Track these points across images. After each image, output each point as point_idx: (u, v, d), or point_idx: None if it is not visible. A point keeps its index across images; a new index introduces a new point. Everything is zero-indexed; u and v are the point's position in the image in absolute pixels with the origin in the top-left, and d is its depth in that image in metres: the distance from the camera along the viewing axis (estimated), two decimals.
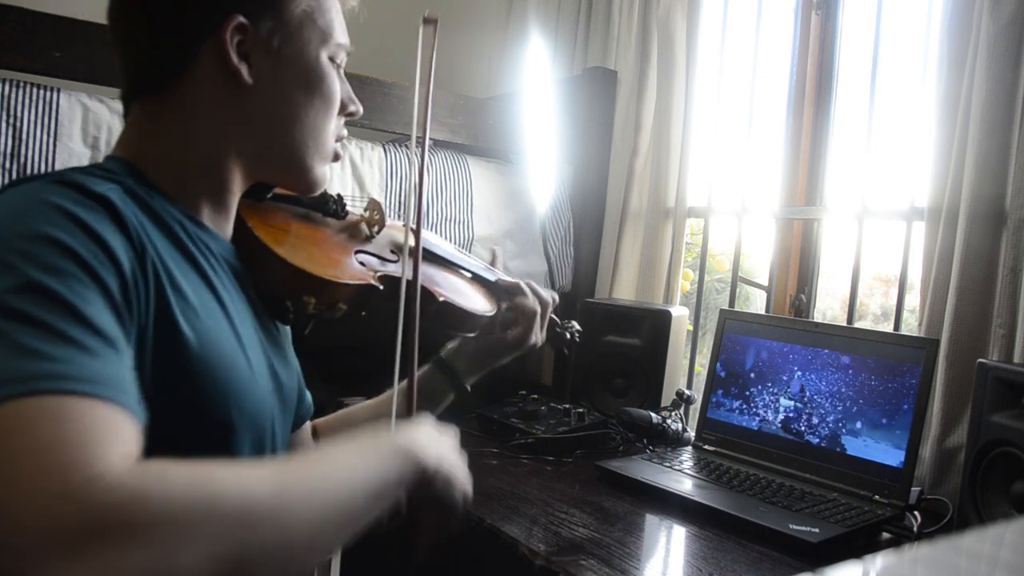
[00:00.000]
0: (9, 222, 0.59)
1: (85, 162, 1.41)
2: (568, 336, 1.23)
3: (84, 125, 1.41)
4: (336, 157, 0.85)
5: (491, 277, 1.12)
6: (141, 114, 0.77)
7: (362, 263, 0.91)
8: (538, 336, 1.09)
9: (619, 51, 2.06)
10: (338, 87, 0.82)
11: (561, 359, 1.18)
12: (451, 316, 0.98)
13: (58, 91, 1.40)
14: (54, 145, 1.38)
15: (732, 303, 1.89)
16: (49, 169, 1.38)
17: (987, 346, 1.33)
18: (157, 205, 0.71)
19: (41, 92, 1.38)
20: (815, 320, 1.69)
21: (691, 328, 1.91)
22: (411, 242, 0.89)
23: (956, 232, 1.37)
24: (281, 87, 0.78)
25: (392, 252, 0.98)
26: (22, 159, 1.36)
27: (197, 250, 0.73)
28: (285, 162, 0.81)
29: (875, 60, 1.60)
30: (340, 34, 0.82)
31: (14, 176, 1.35)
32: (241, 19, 0.74)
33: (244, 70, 0.75)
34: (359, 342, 1.43)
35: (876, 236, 1.65)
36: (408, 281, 0.84)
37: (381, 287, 0.88)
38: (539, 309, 1.09)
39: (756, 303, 2.16)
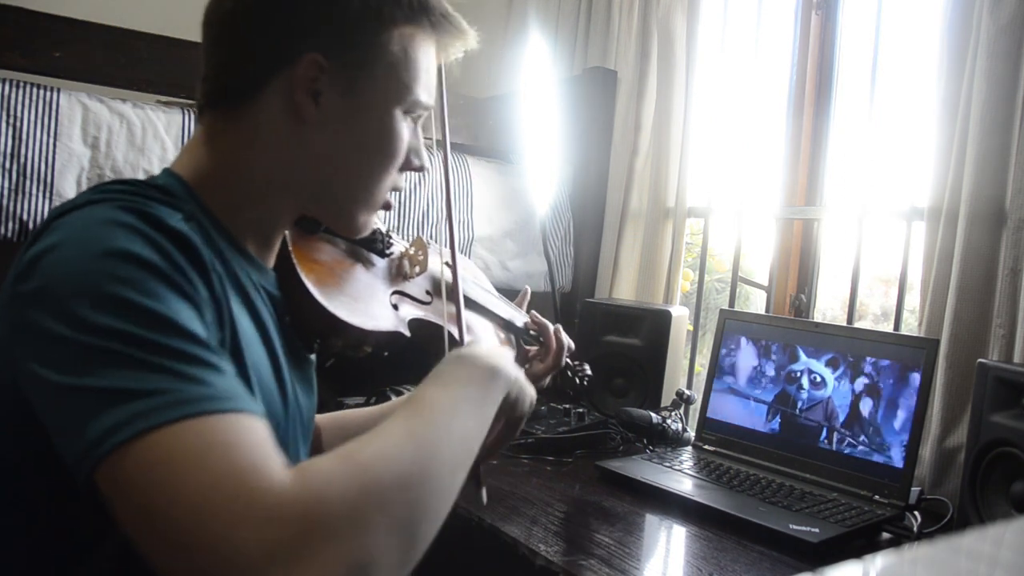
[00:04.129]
0: (95, 245, 0.58)
1: (85, 163, 1.41)
2: (577, 381, 1.26)
3: (84, 125, 1.41)
4: (387, 206, 0.83)
5: (518, 322, 1.14)
6: (208, 130, 0.76)
7: (395, 306, 0.92)
8: (547, 380, 1.13)
9: (619, 51, 2.06)
10: (404, 144, 0.79)
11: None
12: None
13: (58, 91, 1.40)
14: (54, 145, 1.38)
15: (732, 303, 1.89)
16: (49, 170, 1.37)
17: (987, 346, 1.33)
18: (214, 235, 0.71)
19: (41, 92, 1.38)
20: (815, 320, 1.69)
21: (691, 328, 1.91)
22: (447, 278, 0.94)
23: (956, 232, 1.37)
24: (344, 133, 0.75)
25: (427, 293, 0.99)
26: (22, 159, 1.36)
27: (248, 283, 0.73)
28: (333, 207, 0.80)
29: (875, 60, 1.60)
30: (422, 91, 0.79)
31: (14, 176, 1.35)
32: (319, 58, 0.72)
33: (310, 108, 0.73)
34: None
35: (876, 236, 1.65)
36: (441, 327, 0.89)
37: (408, 334, 0.89)
38: (556, 358, 1.12)
39: (756, 303, 2.16)
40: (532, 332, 1.14)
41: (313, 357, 0.89)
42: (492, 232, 1.92)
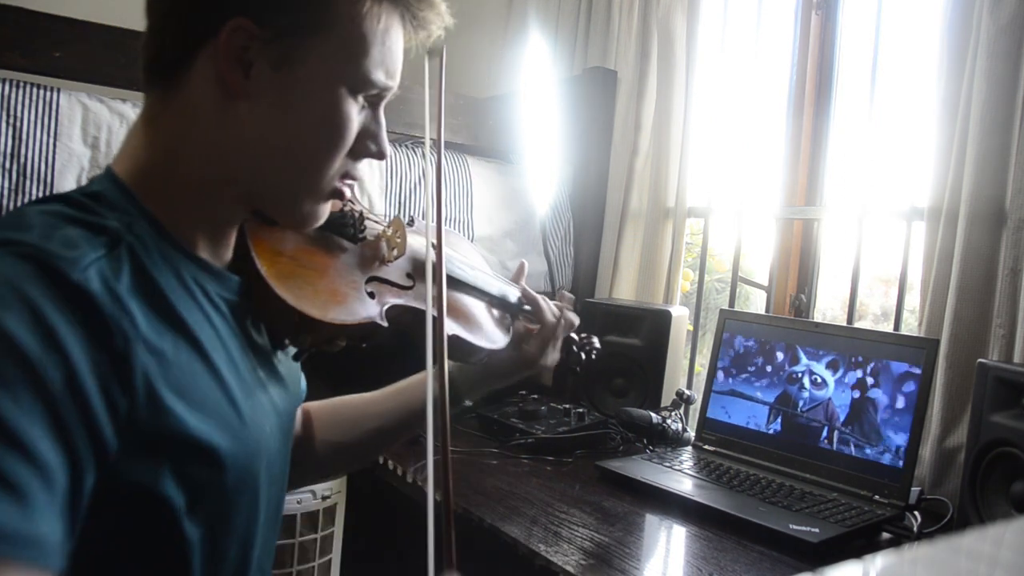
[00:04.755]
0: None
1: (85, 163, 1.41)
2: (583, 356, 1.12)
3: (84, 125, 1.42)
4: (338, 195, 0.75)
5: (512, 297, 1.05)
6: (146, 114, 0.70)
7: (372, 294, 0.84)
8: (550, 357, 1.03)
9: (619, 51, 2.06)
10: (351, 126, 0.70)
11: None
12: (457, 350, 0.92)
13: (58, 91, 1.40)
14: (54, 145, 1.38)
15: (732, 303, 1.89)
16: (49, 170, 1.37)
17: (987, 346, 1.33)
18: (152, 247, 0.64)
19: (41, 92, 1.38)
20: (815, 320, 1.69)
21: (691, 328, 1.91)
22: (431, 262, 0.83)
23: (956, 232, 1.37)
24: (278, 111, 0.67)
25: (408, 276, 0.89)
26: (22, 159, 1.36)
27: (191, 299, 0.66)
28: (272, 196, 0.72)
29: (875, 60, 1.60)
30: (375, 68, 0.70)
31: (14, 176, 1.35)
32: (248, 23, 0.64)
33: (240, 81, 0.66)
34: None
35: (876, 236, 1.65)
36: (424, 312, 0.81)
37: (386, 324, 0.81)
38: (556, 330, 1.02)
39: (756, 303, 2.16)
40: (526, 307, 1.05)
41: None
42: (492, 232, 1.92)
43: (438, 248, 0.81)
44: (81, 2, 1.58)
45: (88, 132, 1.42)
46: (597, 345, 1.13)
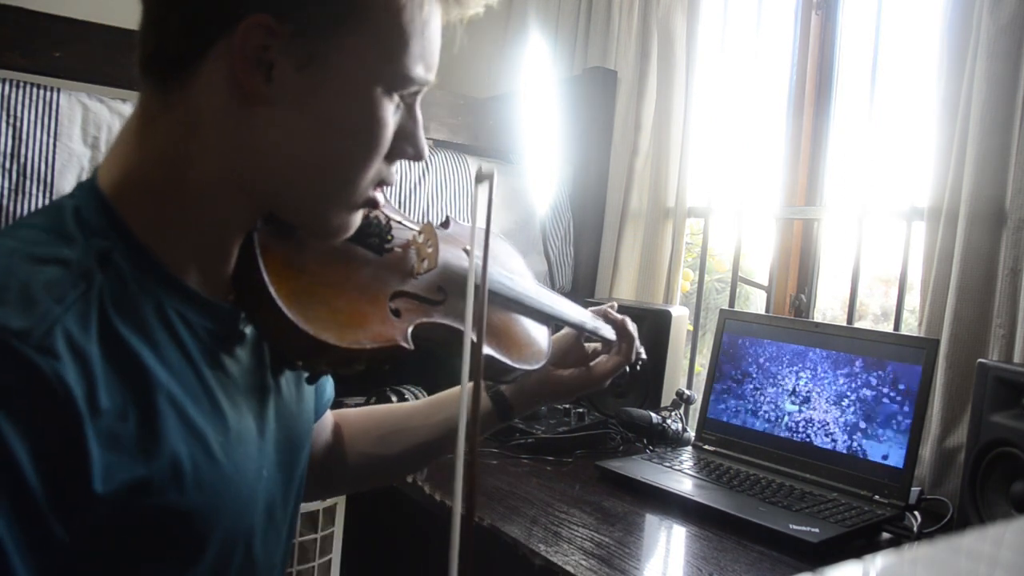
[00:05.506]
0: None
1: (85, 163, 1.41)
2: (636, 368, 1.06)
3: (84, 125, 1.42)
4: (372, 204, 0.67)
5: (588, 324, 0.98)
6: (140, 115, 0.62)
7: (397, 311, 0.74)
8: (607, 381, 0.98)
9: (619, 51, 2.06)
10: (387, 130, 0.62)
11: None
12: (489, 368, 0.84)
13: (58, 91, 1.40)
14: (54, 145, 1.38)
15: (732, 303, 1.89)
16: (49, 170, 1.37)
17: (987, 346, 1.33)
18: (129, 280, 0.57)
19: (41, 92, 1.38)
20: (815, 320, 1.69)
21: (691, 328, 1.91)
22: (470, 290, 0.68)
23: (956, 232, 1.37)
24: (306, 116, 0.60)
25: (439, 290, 0.79)
26: (22, 159, 1.36)
27: (171, 338, 0.59)
28: (298, 208, 0.64)
29: (875, 60, 1.60)
30: (414, 63, 0.61)
31: (14, 176, 1.35)
32: (268, 20, 0.56)
33: (260, 85, 0.58)
34: None
35: (876, 236, 1.65)
36: (458, 331, 0.74)
37: (411, 347, 0.72)
38: (632, 354, 0.98)
39: (756, 303, 2.16)
40: (609, 336, 0.99)
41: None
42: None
43: (483, 276, 0.65)
44: (81, 2, 1.58)
45: (88, 132, 1.42)
46: (644, 356, 1.07)
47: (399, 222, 0.79)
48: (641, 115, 1.99)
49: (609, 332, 0.99)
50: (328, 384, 0.89)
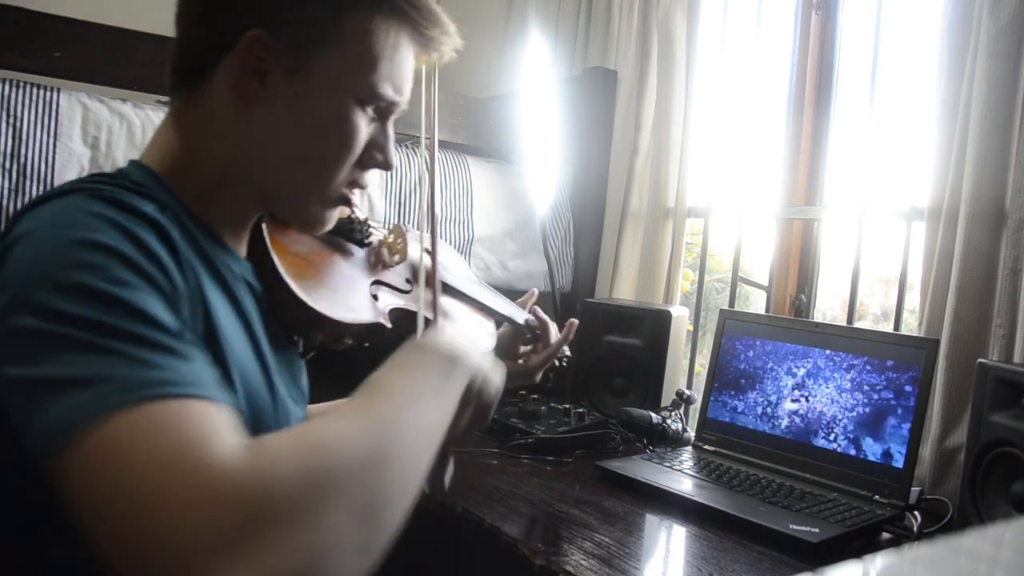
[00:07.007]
0: (64, 235, 0.57)
1: (85, 163, 1.41)
2: (557, 363, 1.23)
3: (84, 125, 1.42)
4: (346, 202, 0.79)
5: (519, 318, 1.16)
6: (174, 114, 0.75)
7: (375, 296, 0.90)
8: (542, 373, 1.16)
9: (619, 51, 2.06)
10: (359, 136, 0.75)
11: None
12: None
13: (58, 91, 1.40)
14: (54, 145, 1.38)
15: (732, 303, 1.89)
16: (49, 170, 1.38)
17: (987, 346, 1.33)
18: (189, 225, 0.70)
19: (41, 92, 1.38)
20: (815, 320, 1.69)
21: (691, 328, 1.91)
22: (426, 267, 0.91)
23: (956, 232, 1.37)
24: (289, 117, 0.72)
25: (407, 281, 0.97)
26: (22, 159, 1.36)
27: (229, 275, 0.72)
28: (282, 198, 0.77)
29: (875, 60, 1.60)
30: (382, 83, 0.74)
31: (14, 176, 1.35)
32: (263, 35, 0.69)
33: (255, 88, 0.71)
34: None
35: (876, 236, 1.65)
36: (421, 313, 0.87)
37: (390, 325, 0.87)
38: (558, 351, 1.15)
39: (756, 303, 2.16)
40: (537, 331, 1.17)
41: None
42: (492, 232, 1.92)
43: (432, 254, 0.88)
44: (81, 2, 1.58)
45: (88, 132, 1.42)
46: (568, 354, 1.24)
47: (371, 224, 0.96)
48: (641, 115, 1.99)
49: (540, 328, 1.17)
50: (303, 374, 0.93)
